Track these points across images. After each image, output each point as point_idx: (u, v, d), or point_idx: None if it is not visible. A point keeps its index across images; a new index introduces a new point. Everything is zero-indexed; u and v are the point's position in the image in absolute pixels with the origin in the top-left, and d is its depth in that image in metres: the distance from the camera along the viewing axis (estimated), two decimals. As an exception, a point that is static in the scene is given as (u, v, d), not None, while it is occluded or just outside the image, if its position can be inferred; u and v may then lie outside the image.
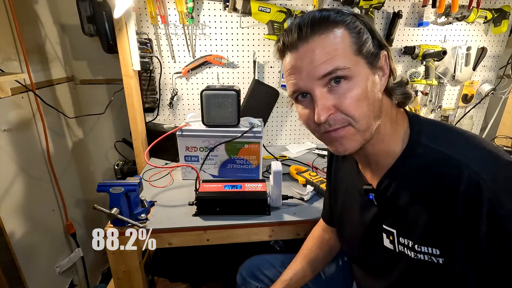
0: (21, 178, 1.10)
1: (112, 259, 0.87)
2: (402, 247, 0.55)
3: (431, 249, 0.51)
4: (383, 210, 0.58)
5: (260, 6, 1.25)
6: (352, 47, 0.49)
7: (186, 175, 1.16)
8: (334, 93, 0.50)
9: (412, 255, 0.53)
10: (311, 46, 0.49)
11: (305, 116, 0.55)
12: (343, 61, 0.48)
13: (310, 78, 0.50)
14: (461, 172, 0.46)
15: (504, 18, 1.40)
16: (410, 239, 0.54)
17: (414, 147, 0.53)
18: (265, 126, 1.49)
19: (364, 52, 0.50)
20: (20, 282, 1.04)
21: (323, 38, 0.48)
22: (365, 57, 0.50)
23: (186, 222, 0.89)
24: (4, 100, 1.00)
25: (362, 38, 0.50)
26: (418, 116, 0.57)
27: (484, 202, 0.44)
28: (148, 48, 1.30)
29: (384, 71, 0.53)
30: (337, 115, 0.50)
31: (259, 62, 1.40)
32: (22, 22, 1.08)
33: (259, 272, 0.90)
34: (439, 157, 0.49)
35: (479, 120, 1.66)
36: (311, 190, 1.02)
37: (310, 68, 0.49)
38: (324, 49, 0.48)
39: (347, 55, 0.49)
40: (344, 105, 0.49)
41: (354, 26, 0.50)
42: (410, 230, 0.54)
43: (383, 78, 0.53)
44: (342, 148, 0.53)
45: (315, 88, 0.50)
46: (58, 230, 1.31)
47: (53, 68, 1.31)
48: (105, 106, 1.48)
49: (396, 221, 0.56)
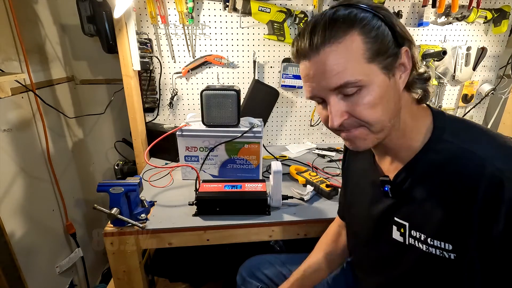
0: (21, 178, 1.10)
1: (112, 259, 0.87)
2: (413, 240, 0.55)
3: (443, 243, 0.51)
4: (398, 202, 0.58)
5: (260, 6, 1.25)
6: (365, 55, 0.47)
7: (186, 175, 1.16)
8: (347, 101, 0.49)
9: (424, 248, 0.53)
10: (322, 58, 0.48)
11: (322, 116, 0.56)
12: (354, 74, 0.47)
13: (323, 88, 0.50)
14: (484, 169, 0.46)
15: (504, 18, 1.40)
16: (423, 233, 0.53)
17: (436, 142, 0.52)
18: (265, 126, 1.49)
19: (380, 56, 0.48)
20: (20, 282, 1.04)
21: (334, 49, 0.47)
22: (380, 61, 0.48)
23: (186, 222, 0.89)
24: (4, 100, 1.00)
25: (378, 41, 0.47)
26: (442, 112, 0.56)
27: (505, 201, 0.44)
28: (148, 48, 1.30)
29: (406, 66, 0.51)
30: (351, 120, 0.51)
31: (259, 62, 1.40)
32: (22, 22, 1.08)
33: (259, 272, 0.90)
34: (461, 153, 0.49)
35: (479, 120, 1.66)
36: (311, 190, 1.02)
37: (321, 79, 0.49)
38: (336, 60, 0.47)
39: (359, 65, 0.47)
40: (357, 112, 0.49)
41: (370, 28, 0.47)
42: (424, 223, 0.53)
43: (403, 74, 0.52)
44: (354, 146, 0.55)
45: (329, 97, 0.50)
46: (58, 230, 1.31)
47: (53, 68, 1.31)
48: (105, 106, 1.48)
49: (410, 214, 0.56)
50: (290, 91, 1.47)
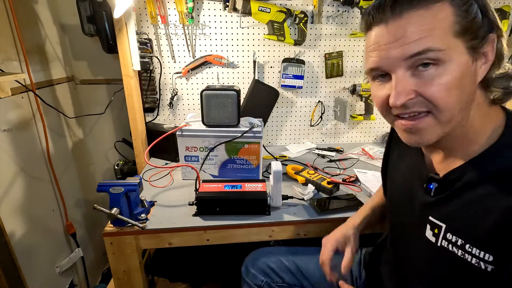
0: (21, 178, 1.10)
1: (112, 259, 0.87)
2: (447, 243, 0.51)
3: (483, 253, 0.46)
4: (437, 202, 0.53)
5: (260, 6, 1.25)
6: (453, 27, 0.42)
7: (186, 175, 1.16)
8: (418, 78, 0.44)
9: (459, 254, 0.49)
10: (405, 21, 0.43)
11: (379, 97, 0.49)
12: (438, 42, 0.42)
13: (395, 57, 0.44)
14: None
15: (504, 18, 1.40)
16: (461, 238, 0.49)
17: (504, 147, 0.47)
18: (265, 126, 1.49)
19: (468, 34, 0.43)
20: (20, 282, 1.04)
21: (421, 14, 0.42)
22: (467, 40, 0.43)
23: (186, 222, 0.89)
24: (4, 100, 1.00)
25: (469, 17, 0.43)
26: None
27: None
28: (148, 48, 1.30)
29: (488, 57, 0.46)
30: (418, 100, 0.45)
31: (259, 62, 1.40)
32: (22, 22, 1.08)
33: (263, 264, 0.89)
34: None
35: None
36: (312, 189, 1.02)
37: (397, 45, 0.43)
38: (420, 26, 0.42)
39: (445, 35, 0.42)
40: (429, 92, 0.43)
41: (462, 2, 0.43)
42: (465, 228, 0.49)
43: (484, 66, 0.46)
44: (415, 140, 0.48)
45: (397, 70, 0.45)
46: (58, 230, 1.31)
47: (53, 68, 1.31)
48: (105, 106, 1.48)
49: (450, 216, 0.51)
50: (290, 91, 1.47)
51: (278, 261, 0.90)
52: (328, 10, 1.35)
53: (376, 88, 0.50)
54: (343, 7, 1.35)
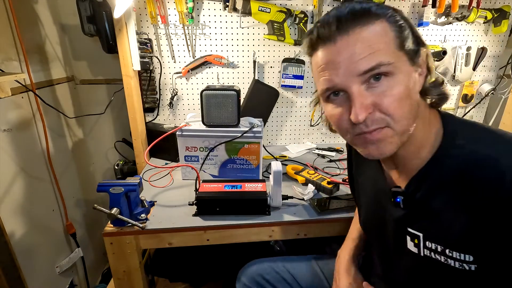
0: (21, 178, 1.10)
1: (112, 259, 0.87)
2: (428, 251, 0.52)
3: (463, 255, 0.47)
4: (410, 213, 0.54)
5: (260, 6, 1.25)
6: (395, 41, 0.45)
7: (186, 175, 1.16)
8: (373, 91, 0.46)
9: (442, 260, 0.50)
10: (352, 38, 0.44)
11: (336, 116, 0.50)
12: (387, 56, 0.44)
13: (348, 74, 0.45)
14: (504, 176, 0.43)
15: (504, 18, 1.40)
16: (440, 244, 0.50)
17: (449, 148, 0.49)
18: (265, 126, 1.49)
19: (406, 47, 0.46)
20: (20, 282, 1.04)
21: (364, 30, 0.44)
22: (407, 52, 0.46)
23: (186, 222, 0.89)
24: (4, 100, 1.00)
25: (403, 33, 0.46)
26: (452, 115, 0.53)
27: None
28: (148, 48, 1.30)
29: (422, 69, 0.50)
30: (376, 115, 0.46)
31: (259, 62, 1.40)
32: (22, 22, 1.08)
33: (260, 278, 0.88)
34: (478, 160, 0.46)
35: (479, 120, 1.66)
36: (312, 189, 1.02)
37: (349, 63, 0.45)
38: (367, 42, 0.44)
39: (390, 49, 0.45)
40: (385, 104, 0.45)
41: (395, 19, 0.47)
42: (441, 234, 0.50)
43: (420, 76, 0.49)
44: (378, 152, 0.49)
45: (353, 85, 0.46)
46: (58, 230, 1.31)
47: (53, 68, 1.31)
48: (105, 106, 1.48)
49: (425, 224, 0.52)
50: (290, 91, 1.47)
51: (272, 271, 0.88)
52: (328, 10, 1.34)
53: (331, 109, 0.51)
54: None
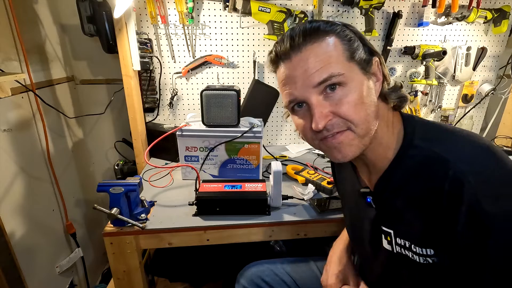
0: (21, 178, 1.10)
1: (112, 259, 0.87)
2: (400, 248, 0.55)
3: (425, 249, 0.51)
4: (381, 212, 0.58)
5: (260, 6, 1.25)
6: (344, 54, 0.50)
7: (186, 175, 1.16)
8: (330, 100, 0.50)
9: (410, 256, 0.53)
10: (304, 55, 0.50)
11: (301, 125, 0.55)
12: (337, 68, 0.49)
13: (305, 87, 0.50)
14: (448, 170, 0.46)
15: (504, 18, 1.40)
16: (407, 240, 0.53)
17: (408, 148, 0.52)
18: (265, 126, 1.49)
19: (356, 58, 0.50)
20: (20, 282, 1.04)
21: (315, 46, 0.49)
22: (358, 63, 0.51)
23: (186, 222, 0.89)
24: (4, 100, 1.00)
25: (353, 45, 0.51)
26: (412, 116, 0.56)
27: (464, 202, 0.44)
28: (148, 48, 1.30)
29: (377, 77, 0.54)
30: (335, 120, 0.50)
31: (259, 62, 1.40)
32: (22, 22, 1.08)
33: (260, 280, 0.88)
34: (430, 157, 0.49)
35: (479, 120, 1.66)
36: (313, 189, 1.02)
37: (304, 77, 0.50)
38: (318, 57, 0.49)
39: (340, 61, 0.49)
40: (342, 111, 0.49)
41: (344, 34, 0.51)
42: (406, 231, 0.53)
43: (377, 83, 0.54)
44: (341, 155, 0.53)
45: (311, 96, 0.50)
46: (58, 230, 1.31)
47: (53, 68, 1.31)
48: (105, 106, 1.48)
49: (394, 222, 0.56)
50: (290, 91, 1.47)
51: (272, 273, 0.89)
52: (328, 10, 1.35)
53: (296, 120, 0.56)
54: (343, 7, 1.35)
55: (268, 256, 0.99)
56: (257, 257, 0.98)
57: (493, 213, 0.43)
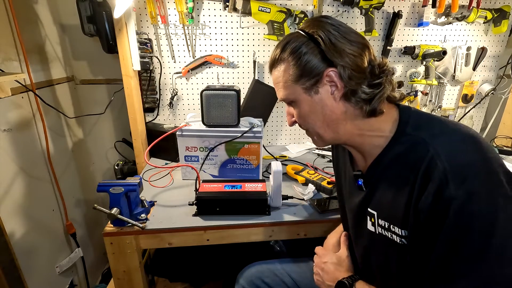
0: (21, 178, 1.10)
1: (112, 259, 0.87)
2: (380, 229, 0.59)
3: (402, 230, 0.54)
4: (369, 194, 0.62)
5: (260, 6, 1.25)
6: (292, 77, 0.59)
7: (186, 175, 1.16)
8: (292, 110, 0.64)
9: (389, 236, 0.57)
10: (273, 75, 0.64)
11: None
12: (287, 92, 0.61)
13: None
14: (427, 152, 0.49)
15: (504, 18, 1.40)
16: (387, 221, 0.57)
17: (400, 136, 0.56)
18: (265, 126, 1.49)
19: (301, 79, 0.58)
20: (20, 282, 1.04)
21: (274, 72, 0.63)
22: (302, 83, 0.58)
23: (186, 222, 0.89)
24: (4, 100, 1.00)
25: (301, 66, 0.57)
26: (408, 108, 0.59)
27: (433, 181, 0.47)
28: (148, 48, 1.30)
29: (336, 85, 0.56)
30: None
31: (259, 62, 1.40)
32: (22, 22, 1.08)
33: (259, 281, 0.88)
34: (416, 142, 0.52)
35: (479, 120, 1.66)
36: (313, 189, 1.02)
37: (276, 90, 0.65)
38: (276, 81, 0.63)
39: (289, 85, 0.60)
40: (298, 122, 0.64)
41: (297, 55, 0.57)
42: (388, 212, 0.57)
43: (336, 91, 0.57)
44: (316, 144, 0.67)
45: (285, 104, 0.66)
46: (58, 230, 1.31)
47: (53, 68, 1.31)
48: (105, 106, 1.48)
49: (378, 204, 0.60)
50: (290, 91, 1.47)
51: (272, 274, 0.89)
52: (328, 10, 1.35)
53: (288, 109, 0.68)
54: (343, 7, 1.35)
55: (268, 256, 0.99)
56: (257, 257, 0.98)
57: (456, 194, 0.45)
